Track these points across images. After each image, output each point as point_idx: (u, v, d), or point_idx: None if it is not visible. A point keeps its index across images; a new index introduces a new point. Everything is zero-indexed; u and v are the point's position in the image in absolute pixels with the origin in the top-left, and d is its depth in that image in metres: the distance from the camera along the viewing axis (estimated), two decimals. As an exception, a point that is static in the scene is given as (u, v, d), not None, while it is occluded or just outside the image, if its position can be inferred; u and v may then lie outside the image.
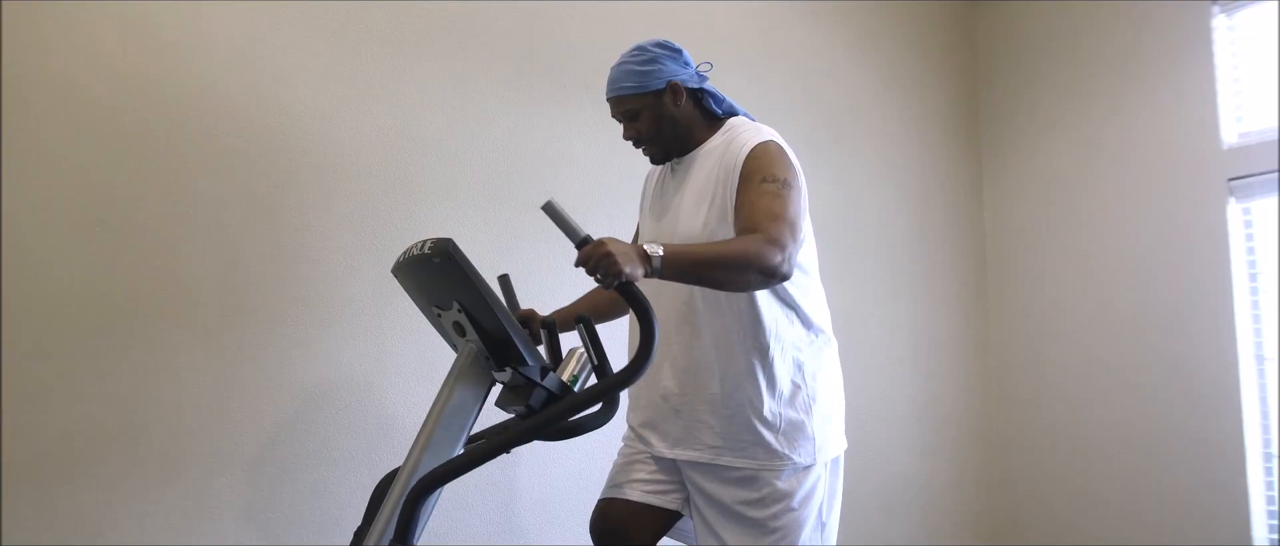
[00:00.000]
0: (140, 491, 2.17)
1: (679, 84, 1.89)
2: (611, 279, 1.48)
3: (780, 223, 1.68)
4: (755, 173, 1.77)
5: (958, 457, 3.61)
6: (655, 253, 1.54)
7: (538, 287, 2.66)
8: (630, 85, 1.88)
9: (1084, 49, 3.50)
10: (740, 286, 1.66)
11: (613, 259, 1.48)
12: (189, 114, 2.29)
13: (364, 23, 2.53)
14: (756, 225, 1.68)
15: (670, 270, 1.57)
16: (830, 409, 1.91)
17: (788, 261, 1.66)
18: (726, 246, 1.65)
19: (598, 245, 1.50)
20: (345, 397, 2.42)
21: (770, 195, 1.72)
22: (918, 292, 3.57)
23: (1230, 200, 3.06)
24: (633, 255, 1.51)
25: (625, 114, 1.92)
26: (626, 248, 1.51)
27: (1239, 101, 3.11)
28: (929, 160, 3.68)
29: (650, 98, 1.89)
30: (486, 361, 1.75)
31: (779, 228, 1.67)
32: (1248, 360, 3.03)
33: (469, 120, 2.65)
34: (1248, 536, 2.98)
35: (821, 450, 1.86)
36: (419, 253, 1.69)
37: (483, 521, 2.57)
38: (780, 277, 1.67)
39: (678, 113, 1.91)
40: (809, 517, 1.84)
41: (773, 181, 1.75)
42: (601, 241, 1.50)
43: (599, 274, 1.49)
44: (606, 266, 1.48)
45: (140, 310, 2.20)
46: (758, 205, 1.72)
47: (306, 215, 2.41)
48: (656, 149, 1.95)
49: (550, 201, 1.52)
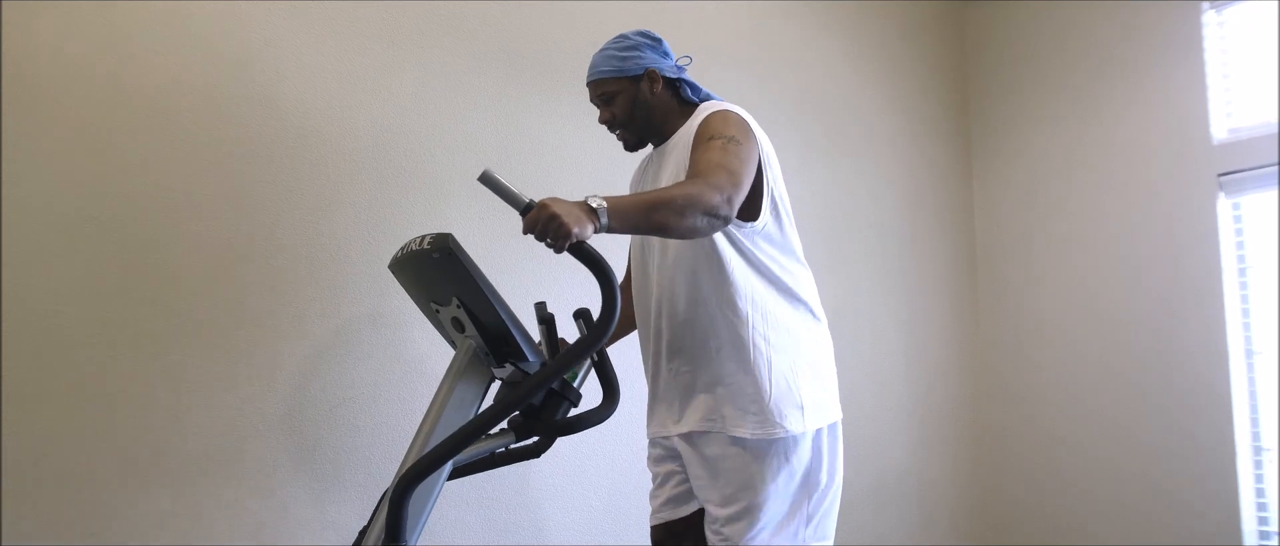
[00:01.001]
0: (138, 491, 2.14)
1: (656, 72, 1.93)
2: (562, 241, 1.46)
3: (720, 170, 1.69)
4: (704, 134, 1.80)
5: (948, 453, 3.62)
6: (600, 205, 1.52)
7: (531, 283, 2.65)
8: (608, 69, 1.93)
9: (1074, 45, 3.51)
10: (687, 229, 1.64)
11: (560, 220, 1.45)
12: (183, 111, 2.26)
13: (357, 19, 2.50)
14: (699, 172, 1.70)
15: (617, 220, 1.54)
16: (820, 378, 1.90)
17: (727, 203, 1.66)
18: (667, 189, 1.64)
19: (541, 207, 1.47)
20: (342, 395, 2.40)
21: (715, 149, 1.74)
22: (908, 289, 3.58)
23: (1220, 195, 3.08)
24: (579, 213, 1.48)
25: (602, 97, 1.96)
26: (571, 206, 1.49)
27: (1229, 97, 3.13)
28: (918, 157, 3.68)
29: (627, 82, 1.93)
30: (486, 357, 1.74)
31: (717, 174, 1.68)
32: (1238, 355, 3.05)
33: (463, 115, 2.63)
34: (1237, 530, 3.00)
35: (810, 418, 1.85)
36: (418, 248, 1.68)
37: (480, 521, 2.56)
38: (722, 219, 1.67)
39: (653, 99, 1.94)
40: (800, 484, 1.85)
41: (719, 137, 1.77)
42: (545, 203, 1.47)
43: (548, 238, 1.47)
44: (554, 229, 1.46)
45: (136, 309, 2.17)
46: (699, 158, 1.74)
47: (301, 212, 2.38)
48: (630, 133, 1.98)
49: (487, 171, 1.48)
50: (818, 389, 1.88)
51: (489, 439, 1.80)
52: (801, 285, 1.92)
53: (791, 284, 1.89)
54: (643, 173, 2.06)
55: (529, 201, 1.48)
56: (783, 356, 1.84)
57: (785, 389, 1.82)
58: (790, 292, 1.89)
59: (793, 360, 1.85)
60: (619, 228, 1.56)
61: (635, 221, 1.58)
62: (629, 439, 2.74)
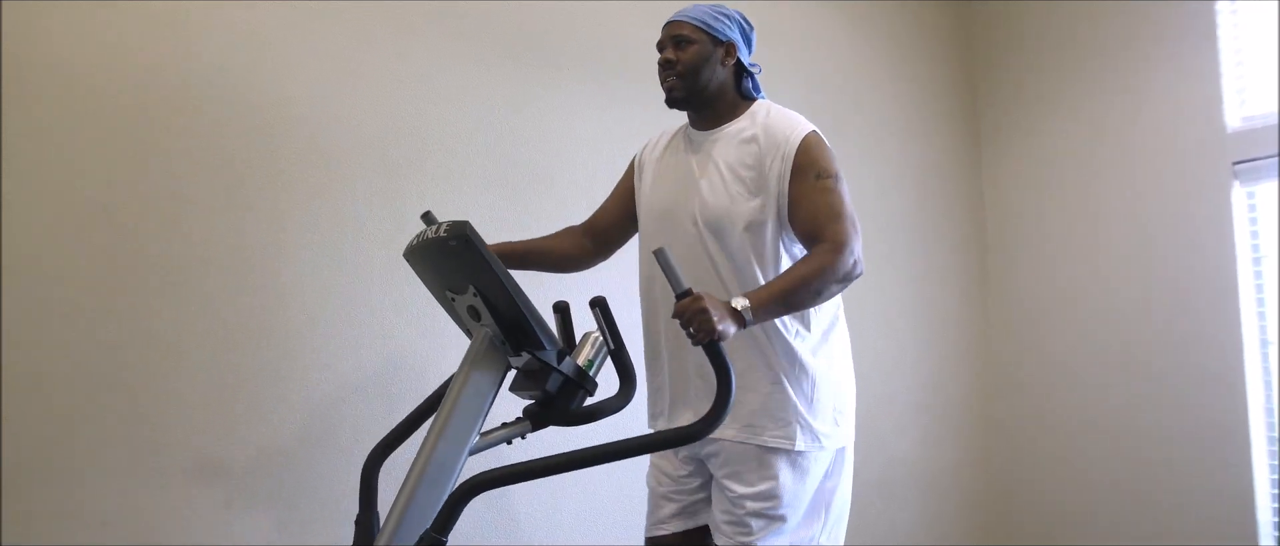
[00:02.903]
0: (145, 486, 2.13)
1: (735, 48, 1.94)
2: (705, 336, 1.53)
3: (842, 222, 1.76)
4: (809, 167, 1.81)
5: (959, 443, 3.60)
6: (745, 307, 1.61)
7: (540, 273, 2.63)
8: (698, 19, 1.92)
9: (1087, 31, 3.48)
10: (823, 300, 1.76)
11: (708, 316, 1.52)
12: (191, 102, 2.25)
13: (363, 11, 2.49)
14: (820, 226, 1.76)
15: (760, 317, 1.65)
16: (851, 393, 1.92)
17: (859, 261, 1.75)
18: (804, 270, 1.71)
19: (695, 299, 1.54)
20: (354, 385, 2.39)
21: (827, 192, 1.78)
22: (916, 279, 3.56)
23: (1234, 184, 3.06)
24: (726, 314, 1.56)
25: (677, 39, 1.92)
26: (720, 305, 1.57)
27: (1243, 85, 3.11)
28: (928, 144, 3.66)
29: (708, 40, 1.92)
30: (502, 346, 1.72)
31: (843, 229, 1.75)
32: (1252, 344, 3.03)
33: (472, 105, 2.62)
34: (1252, 521, 2.98)
35: (842, 434, 1.87)
36: (434, 236, 1.66)
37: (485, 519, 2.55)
38: (855, 278, 1.76)
39: (721, 71, 1.93)
40: (809, 500, 1.85)
41: (826, 177, 1.80)
42: (698, 297, 1.54)
43: (692, 329, 1.53)
44: (701, 323, 1.52)
45: (142, 303, 2.16)
46: (818, 204, 1.78)
47: (311, 201, 2.37)
48: (683, 84, 1.92)
49: (662, 249, 1.55)
50: (847, 404, 1.90)
51: (505, 428, 1.79)
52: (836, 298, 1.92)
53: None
54: (672, 154, 2.01)
55: (687, 289, 1.56)
56: (823, 369, 1.85)
57: (824, 403, 1.84)
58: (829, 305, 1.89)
59: (829, 374, 1.86)
60: (759, 321, 1.66)
61: (775, 312, 1.70)
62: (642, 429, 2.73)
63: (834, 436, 1.86)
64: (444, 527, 1.48)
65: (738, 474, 1.84)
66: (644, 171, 2.07)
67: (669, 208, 1.93)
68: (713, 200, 1.86)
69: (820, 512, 1.87)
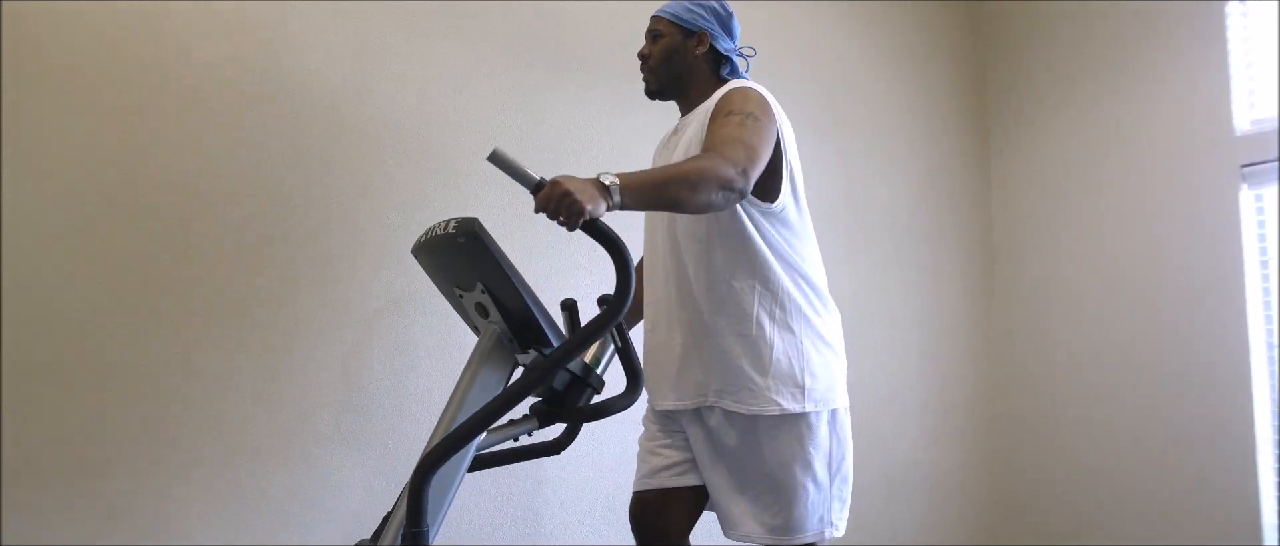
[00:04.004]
0: (152, 484, 2.14)
1: (707, 36, 1.98)
2: (574, 219, 1.43)
3: (736, 144, 1.69)
4: (721, 108, 1.82)
5: (964, 443, 3.60)
6: (613, 182, 1.49)
7: (555, 269, 2.64)
8: (670, 12, 2.00)
9: (1095, 36, 3.48)
10: (701, 204, 1.62)
11: (572, 198, 1.42)
12: (205, 96, 2.25)
13: (375, 9, 2.49)
14: (711, 148, 1.70)
15: (629, 197, 1.52)
16: (825, 362, 1.90)
17: (743, 176, 1.64)
18: (680, 164, 1.64)
19: (553, 184, 1.44)
20: (360, 382, 2.39)
21: (732, 124, 1.75)
22: (923, 279, 3.56)
23: (1243, 187, 3.05)
24: (592, 190, 1.46)
25: (652, 32, 2.02)
26: (584, 183, 1.46)
27: (1252, 88, 3.10)
28: (936, 145, 3.66)
29: (678, 32, 1.99)
30: (510, 343, 1.73)
31: (733, 148, 1.68)
32: (1259, 347, 3.02)
33: (484, 101, 2.62)
34: (1257, 523, 2.98)
35: (809, 400, 1.85)
36: (442, 232, 1.67)
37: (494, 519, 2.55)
38: (738, 193, 1.66)
39: (691, 60, 1.98)
40: (805, 462, 1.84)
41: (737, 113, 1.78)
42: (557, 181, 1.44)
43: (561, 216, 1.44)
44: (567, 206, 1.42)
45: (154, 293, 2.16)
46: (716, 132, 1.75)
47: (318, 199, 2.37)
48: (654, 78, 2.01)
49: (496, 150, 1.45)
50: (822, 372, 1.88)
51: (512, 425, 1.79)
52: (813, 270, 1.92)
53: (805, 268, 1.89)
54: (665, 145, 2.06)
55: (540, 179, 1.45)
56: (788, 337, 1.85)
57: (786, 368, 1.83)
58: (804, 276, 1.89)
59: (798, 342, 1.85)
60: (632, 204, 1.53)
61: (649, 197, 1.56)
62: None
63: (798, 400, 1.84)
64: (416, 519, 1.48)
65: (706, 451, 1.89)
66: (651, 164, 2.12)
67: None
68: None
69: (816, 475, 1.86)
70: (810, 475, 1.84)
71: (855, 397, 1.99)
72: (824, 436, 1.86)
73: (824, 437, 1.86)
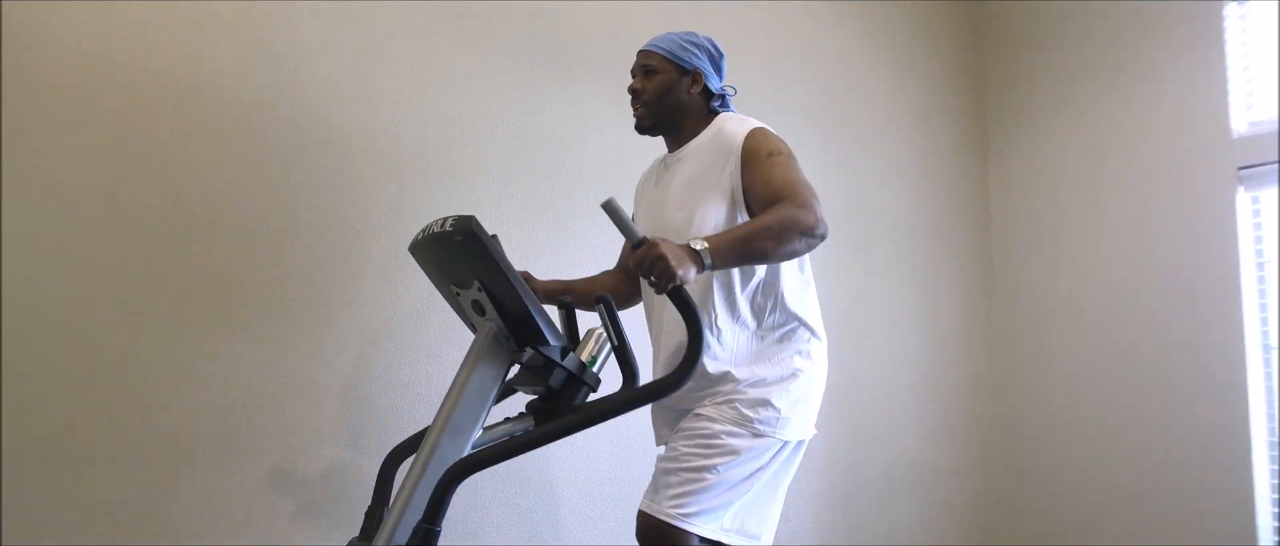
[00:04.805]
0: (151, 483, 2.14)
1: (701, 76, 2.01)
2: (665, 282, 1.52)
3: (800, 187, 1.77)
4: (757, 151, 1.85)
5: (961, 444, 3.61)
6: (702, 247, 1.60)
7: (552, 267, 2.64)
8: (665, 48, 2.00)
9: (1094, 38, 3.48)
10: (786, 253, 1.72)
11: (666, 262, 1.52)
12: (208, 98, 2.25)
13: (377, 9, 2.49)
14: (779, 194, 1.76)
15: (718, 259, 1.62)
16: (806, 393, 1.92)
17: (821, 221, 1.74)
18: (764, 219, 1.70)
19: (651, 246, 1.53)
20: (360, 380, 2.40)
21: (780, 166, 1.81)
22: (921, 280, 3.56)
23: (1239, 189, 3.06)
24: (684, 257, 1.55)
25: (645, 68, 2.02)
26: (678, 249, 1.55)
27: (1250, 90, 3.10)
28: (934, 145, 3.67)
29: (674, 69, 2.00)
30: (506, 341, 1.73)
31: (802, 192, 1.76)
32: (1254, 348, 3.03)
33: (484, 100, 2.63)
34: (1252, 524, 2.99)
35: (781, 430, 1.86)
36: (439, 230, 1.67)
37: (492, 517, 2.56)
38: (819, 236, 1.74)
39: (686, 98, 2.01)
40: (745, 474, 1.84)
41: (778, 154, 1.84)
42: (655, 243, 1.53)
43: (653, 277, 1.53)
44: (660, 269, 1.52)
45: (156, 293, 2.17)
46: (773, 178, 1.80)
47: (319, 198, 2.38)
48: (648, 113, 2.01)
49: (610, 200, 1.52)
50: (798, 405, 1.89)
51: (507, 423, 1.80)
52: (808, 303, 1.96)
53: (793, 302, 1.92)
54: (654, 179, 2.09)
55: (641, 237, 1.54)
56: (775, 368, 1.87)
57: (762, 393, 1.85)
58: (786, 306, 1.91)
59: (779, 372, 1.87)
60: (720, 265, 1.65)
61: (737, 255, 1.67)
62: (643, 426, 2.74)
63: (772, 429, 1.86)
64: (434, 517, 1.49)
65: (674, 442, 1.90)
66: (638, 203, 2.16)
67: (654, 226, 1.99)
68: (680, 215, 1.91)
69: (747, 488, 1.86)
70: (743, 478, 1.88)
71: (854, 398, 2.00)
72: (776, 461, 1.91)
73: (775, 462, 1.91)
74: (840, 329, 3.05)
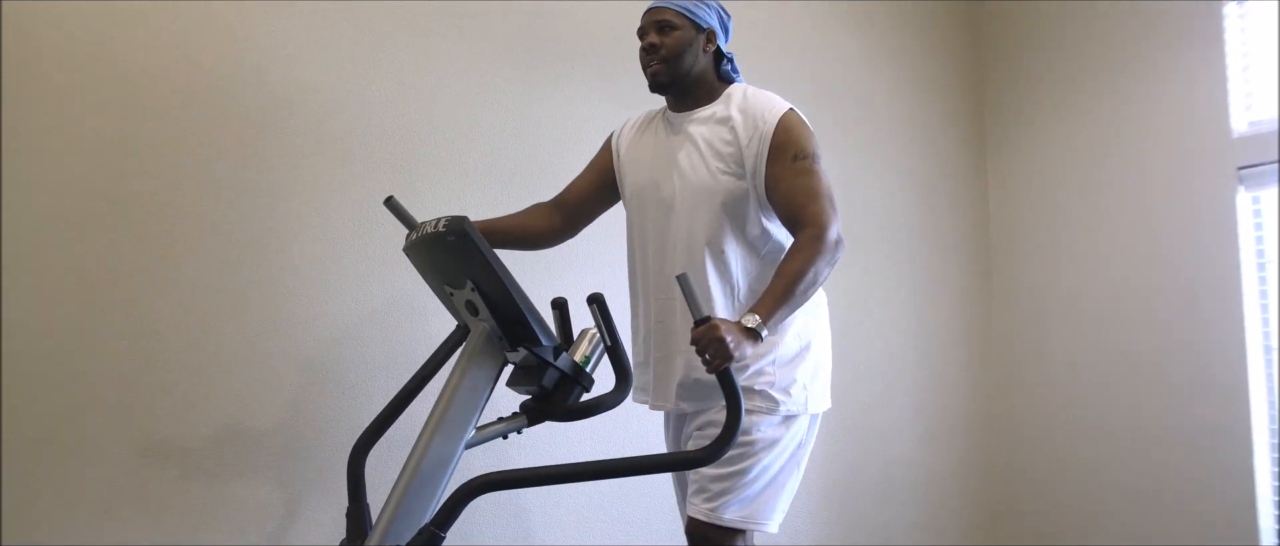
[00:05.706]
0: (148, 482, 2.15)
1: (715, 34, 1.99)
2: (720, 364, 1.55)
3: (820, 201, 1.80)
4: (787, 147, 1.85)
5: (960, 444, 3.60)
6: (756, 323, 1.65)
7: (544, 267, 2.65)
8: (682, 5, 1.95)
9: (1093, 37, 3.47)
10: (823, 281, 1.80)
11: (724, 346, 1.56)
12: (195, 97, 2.26)
13: (374, 6, 2.50)
14: (799, 207, 1.81)
15: (772, 328, 1.69)
16: (818, 366, 1.94)
17: (840, 239, 1.80)
18: (795, 266, 1.74)
19: (712, 327, 1.56)
20: (357, 378, 2.40)
21: (805, 173, 1.82)
22: (919, 280, 3.56)
23: (1239, 189, 3.05)
24: (741, 339, 1.60)
25: (660, 25, 1.95)
26: (737, 333, 1.60)
27: (1249, 90, 3.09)
28: (933, 145, 3.66)
29: (691, 26, 1.95)
30: (499, 341, 1.74)
31: (821, 209, 1.79)
32: (1255, 349, 3.01)
33: (477, 99, 2.63)
34: (1254, 526, 2.97)
35: (800, 402, 1.89)
36: (433, 230, 1.68)
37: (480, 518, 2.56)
38: (842, 250, 1.81)
39: (702, 57, 1.97)
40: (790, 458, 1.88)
41: (804, 157, 1.84)
42: (715, 324, 1.57)
43: (708, 355, 1.56)
44: (717, 351, 1.56)
45: (145, 295, 2.18)
46: (796, 186, 1.82)
47: (314, 196, 2.39)
48: (667, 69, 1.95)
49: (684, 275, 1.55)
50: (817, 375, 1.93)
51: (501, 423, 1.80)
52: None
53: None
54: (650, 134, 2.04)
55: (707, 316, 1.58)
56: (790, 341, 1.88)
57: (786, 372, 1.87)
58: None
59: (797, 345, 1.89)
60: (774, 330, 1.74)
61: (786, 313, 1.73)
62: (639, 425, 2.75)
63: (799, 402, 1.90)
64: (444, 524, 1.49)
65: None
66: (621, 150, 2.10)
67: (648, 183, 1.97)
68: (692, 176, 1.90)
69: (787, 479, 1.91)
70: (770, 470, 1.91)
71: (852, 398, 2.01)
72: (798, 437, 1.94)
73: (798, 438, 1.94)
74: (839, 329, 3.04)
